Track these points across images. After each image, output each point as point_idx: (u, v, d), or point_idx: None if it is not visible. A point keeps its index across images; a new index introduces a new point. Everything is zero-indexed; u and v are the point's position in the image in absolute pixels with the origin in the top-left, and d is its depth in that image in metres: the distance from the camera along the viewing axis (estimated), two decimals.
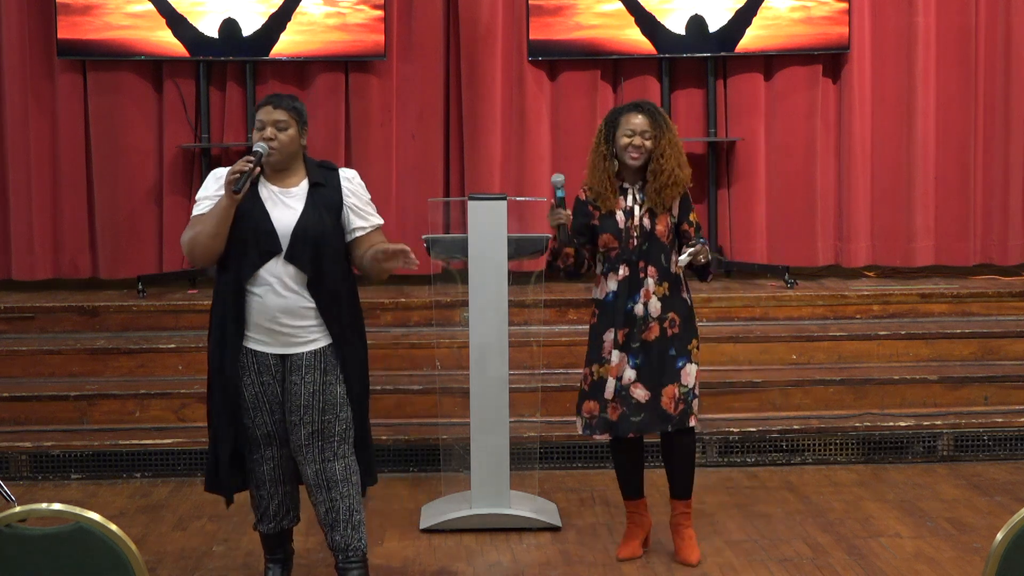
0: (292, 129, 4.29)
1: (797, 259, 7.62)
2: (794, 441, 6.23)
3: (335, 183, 4.36)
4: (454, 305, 6.38)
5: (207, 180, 4.36)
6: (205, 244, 4.22)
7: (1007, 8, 7.63)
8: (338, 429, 4.30)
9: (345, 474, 4.31)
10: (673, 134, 4.75)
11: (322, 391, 4.27)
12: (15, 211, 7.41)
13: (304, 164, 4.38)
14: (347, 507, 4.31)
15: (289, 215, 4.26)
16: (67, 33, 7.23)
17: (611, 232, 4.72)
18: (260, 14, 7.36)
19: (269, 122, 4.27)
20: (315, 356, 4.27)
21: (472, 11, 7.46)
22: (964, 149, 7.66)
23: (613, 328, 4.71)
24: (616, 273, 4.72)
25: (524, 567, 4.88)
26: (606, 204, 4.73)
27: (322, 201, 4.30)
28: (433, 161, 7.59)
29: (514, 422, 5.44)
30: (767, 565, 4.85)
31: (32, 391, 6.37)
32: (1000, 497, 5.68)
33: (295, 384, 4.26)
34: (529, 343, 6.26)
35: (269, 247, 4.22)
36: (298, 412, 4.27)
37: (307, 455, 4.29)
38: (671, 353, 4.72)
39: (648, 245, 4.70)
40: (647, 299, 4.70)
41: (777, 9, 7.50)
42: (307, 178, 4.34)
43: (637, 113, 4.74)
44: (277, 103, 4.31)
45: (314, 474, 4.30)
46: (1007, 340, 6.81)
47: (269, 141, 4.25)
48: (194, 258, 4.32)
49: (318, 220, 4.26)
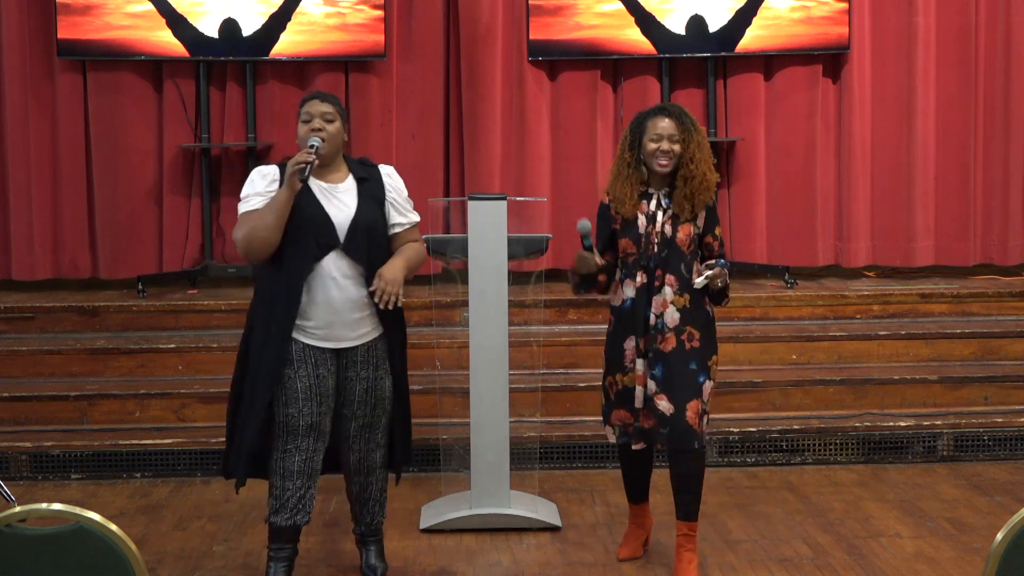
0: (338, 122, 4.44)
1: (797, 259, 7.62)
2: (794, 441, 6.23)
3: (377, 178, 4.53)
4: (454, 305, 6.39)
5: (253, 178, 4.44)
6: (263, 238, 4.28)
7: (1007, 8, 7.64)
8: (383, 421, 4.54)
9: (383, 461, 4.61)
10: (702, 136, 4.59)
11: (374, 387, 4.47)
12: (15, 211, 7.41)
13: (345, 160, 4.53)
14: (379, 488, 4.65)
15: (345, 210, 4.39)
16: (67, 33, 7.24)
17: (630, 238, 4.58)
18: (260, 14, 7.36)
19: (317, 114, 4.40)
20: (367, 350, 4.45)
21: (472, 11, 7.46)
22: (964, 149, 7.66)
23: (634, 336, 4.58)
24: (633, 280, 4.58)
25: (524, 567, 4.88)
26: (626, 210, 4.58)
27: (370, 195, 4.46)
28: (433, 161, 7.59)
29: (514, 422, 5.44)
30: (767, 565, 4.85)
31: (32, 391, 6.37)
32: (1000, 497, 5.68)
33: (350, 380, 4.44)
34: (529, 343, 6.26)
35: (328, 240, 4.34)
36: (351, 406, 4.46)
37: (353, 445, 4.52)
38: (692, 367, 4.55)
39: (667, 252, 4.54)
40: (664, 308, 4.54)
41: (777, 9, 7.50)
42: (351, 173, 4.49)
43: (664, 117, 4.57)
44: (323, 97, 4.47)
45: (357, 461, 4.55)
46: (1007, 340, 6.81)
47: (318, 132, 4.37)
48: (251, 252, 4.33)
49: (371, 214, 4.43)
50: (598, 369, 6.42)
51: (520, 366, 6.08)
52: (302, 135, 4.40)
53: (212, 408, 6.27)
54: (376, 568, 4.71)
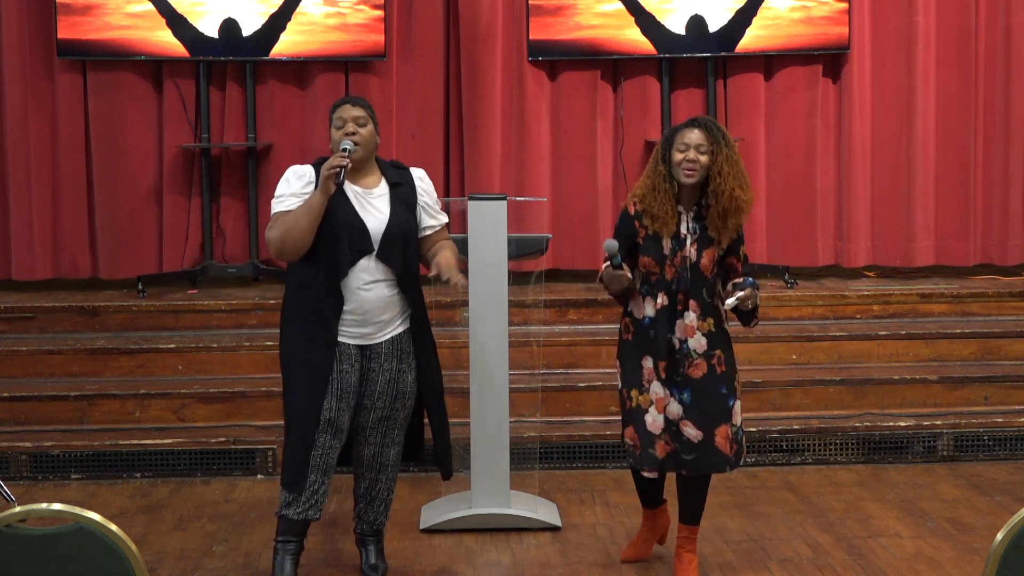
0: (370, 125, 4.48)
1: (797, 259, 7.62)
2: (794, 441, 6.23)
3: (410, 182, 4.58)
4: (454, 305, 6.39)
5: (288, 177, 4.49)
6: (297, 239, 4.33)
7: (1007, 8, 7.63)
8: (402, 416, 4.57)
9: (396, 460, 4.63)
10: (733, 151, 4.44)
11: (396, 379, 4.50)
12: (15, 211, 7.41)
13: (378, 164, 4.58)
14: (387, 488, 4.66)
15: (379, 216, 4.45)
16: (67, 33, 7.23)
17: (652, 257, 4.45)
18: (260, 14, 7.35)
19: (349, 118, 4.45)
20: (392, 343, 4.49)
21: (472, 11, 7.46)
22: (964, 149, 7.66)
23: (652, 357, 4.47)
24: (655, 300, 4.46)
25: (524, 567, 4.88)
26: (664, 229, 4.42)
27: (403, 200, 4.52)
28: (433, 161, 7.58)
29: (514, 422, 5.44)
30: (767, 565, 4.85)
31: (32, 391, 6.37)
32: (1000, 497, 5.68)
33: (373, 371, 4.47)
34: (529, 343, 6.27)
35: (362, 246, 4.40)
36: (371, 397, 4.49)
37: (369, 437, 4.55)
38: (723, 392, 4.47)
39: (691, 277, 4.43)
40: (690, 335, 4.44)
41: (777, 9, 7.50)
42: (384, 178, 4.54)
43: (694, 128, 4.45)
44: (355, 101, 4.52)
45: (371, 456, 4.58)
46: (1007, 340, 6.81)
47: (352, 136, 4.41)
48: (284, 252, 4.40)
49: (405, 220, 4.49)
50: (598, 369, 6.47)
51: (520, 366, 6.08)
52: (335, 140, 4.44)
53: (212, 408, 6.27)
54: (377, 568, 4.72)
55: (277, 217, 4.41)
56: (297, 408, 4.45)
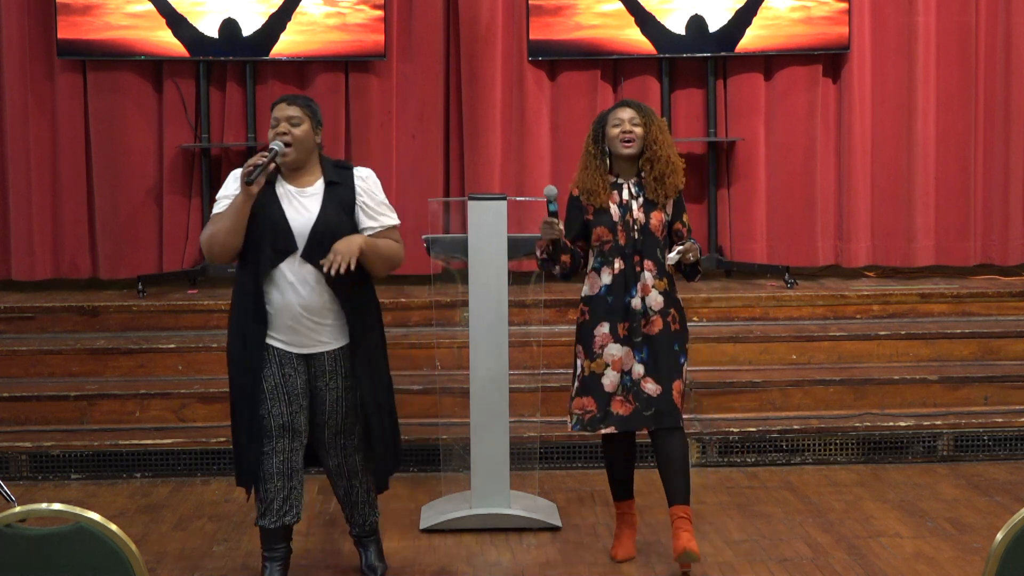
0: (306, 125, 4.38)
1: (797, 259, 7.62)
2: (794, 441, 6.23)
3: (350, 182, 4.43)
4: (454, 305, 6.38)
5: (228, 179, 4.43)
6: (223, 241, 4.29)
7: (1007, 8, 7.64)
8: (358, 427, 4.50)
9: (364, 463, 4.56)
10: (662, 124, 4.79)
11: (345, 396, 4.43)
12: (15, 211, 7.41)
13: (320, 163, 4.46)
14: (365, 490, 4.61)
15: (305, 214, 4.33)
16: (67, 33, 7.24)
17: (605, 226, 4.72)
18: (260, 14, 7.36)
19: (283, 118, 4.38)
20: (335, 360, 4.40)
21: (472, 11, 7.46)
22: (964, 149, 7.66)
23: (608, 322, 4.70)
24: (611, 267, 4.71)
25: (524, 567, 4.88)
26: (598, 200, 4.73)
27: (337, 200, 4.38)
28: (433, 161, 7.59)
29: (514, 422, 5.44)
30: (767, 565, 4.85)
31: (32, 391, 6.37)
32: (1000, 497, 5.68)
33: (320, 390, 4.40)
34: (529, 343, 6.27)
35: (285, 246, 4.30)
36: (323, 414, 4.43)
37: (330, 450, 4.51)
38: (675, 349, 4.74)
39: (644, 239, 4.70)
40: (646, 293, 4.69)
41: (777, 9, 7.50)
42: (323, 177, 4.42)
43: (623, 107, 4.80)
44: (291, 100, 4.46)
45: (336, 466, 4.54)
46: (1007, 340, 6.81)
47: (283, 136, 4.34)
48: (213, 255, 4.37)
49: (335, 219, 4.34)
50: None
51: (520, 366, 6.08)
52: (270, 139, 4.38)
53: (212, 408, 6.27)
54: (376, 568, 4.71)
55: (211, 219, 4.38)
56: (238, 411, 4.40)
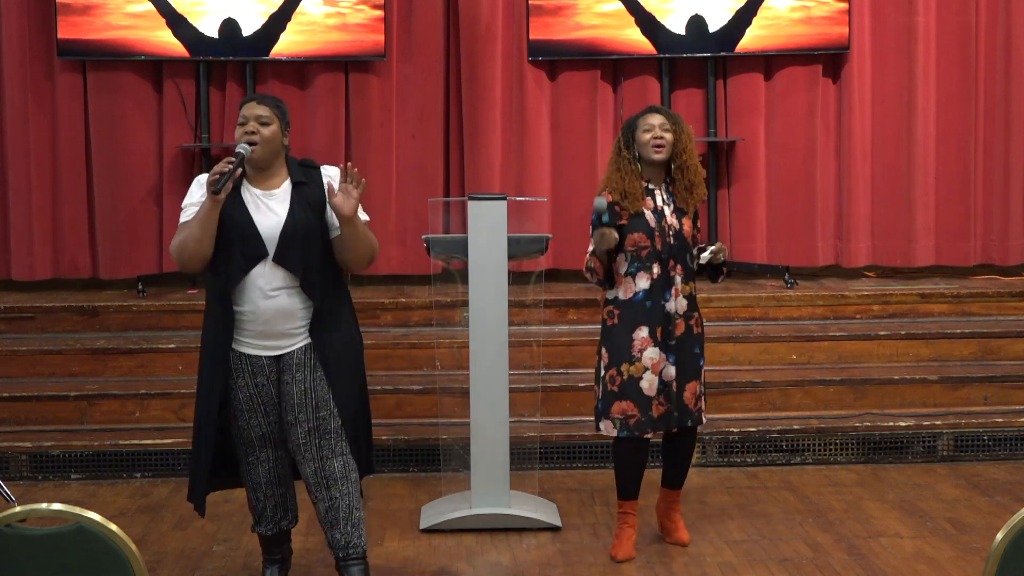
0: (275, 125, 4.24)
1: (797, 259, 7.62)
2: (794, 441, 6.23)
3: (318, 181, 4.29)
4: (454, 305, 6.39)
5: (192, 187, 4.33)
6: (192, 249, 4.17)
7: (1007, 8, 7.64)
8: (334, 426, 4.27)
9: (344, 471, 4.28)
10: (690, 132, 4.86)
11: (313, 388, 4.24)
12: (15, 211, 7.41)
13: (286, 165, 4.32)
14: (347, 505, 4.28)
15: (273, 217, 4.21)
16: (67, 33, 7.24)
17: (642, 231, 4.76)
18: (260, 14, 7.36)
19: (252, 117, 4.22)
20: (304, 352, 4.25)
21: (472, 11, 7.46)
22: (964, 149, 7.66)
23: (647, 326, 4.75)
24: (649, 272, 4.76)
25: (524, 567, 4.88)
26: (634, 205, 4.76)
27: (305, 200, 4.25)
28: (433, 161, 7.59)
29: (514, 422, 5.44)
30: (767, 565, 4.85)
31: (32, 391, 6.37)
32: (1000, 497, 5.68)
33: (287, 384, 4.25)
34: (529, 343, 6.27)
35: (255, 252, 4.18)
36: (293, 411, 4.25)
37: (305, 454, 4.26)
38: (695, 351, 4.86)
39: (678, 244, 4.79)
40: (676, 297, 4.80)
41: (777, 9, 7.50)
42: (289, 178, 4.29)
43: (653, 113, 4.84)
44: (261, 100, 4.31)
45: (313, 472, 4.27)
46: (1007, 340, 6.81)
47: (251, 135, 4.20)
48: (183, 264, 4.24)
49: (304, 220, 4.21)
50: None
51: (520, 366, 6.08)
52: (236, 139, 4.24)
53: None
54: None
55: (179, 228, 4.26)
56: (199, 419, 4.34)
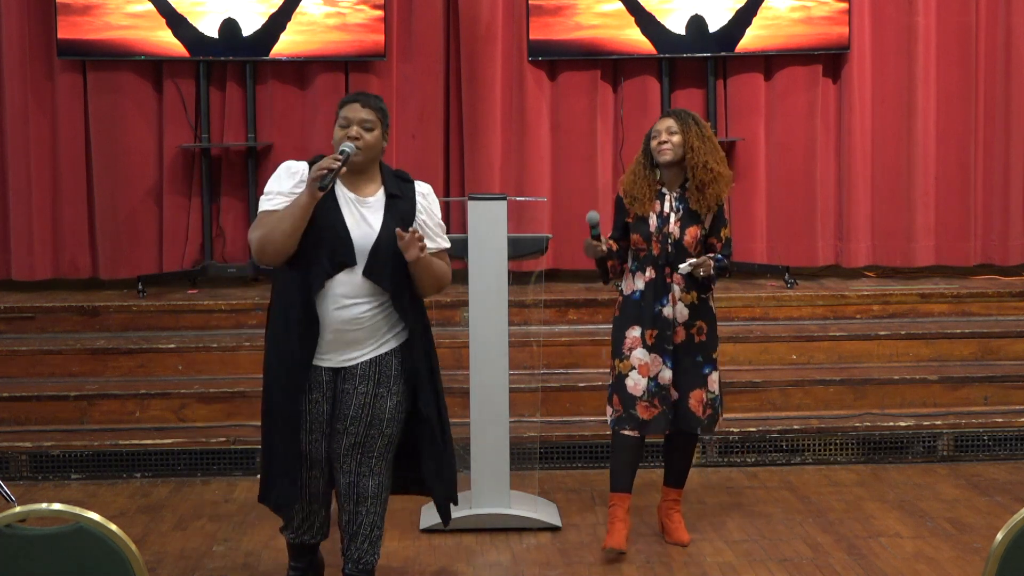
0: (378, 130, 4.11)
1: (797, 259, 7.62)
2: (794, 441, 6.23)
3: (410, 196, 4.19)
4: (454, 305, 6.39)
5: (279, 174, 4.13)
6: (279, 242, 3.99)
7: (1007, 8, 7.64)
8: (379, 444, 4.15)
9: (376, 491, 4.17)
10: (703, 129, 4.86)
11: (372, 403, 4.11)
12: (15, 211, 7.41)
13: (380, 171, 4.20)
14: (370, 523, 4.19)
15: (367, 228, 4.08)
16: (67, 33, 7.23)
17: (641, 234, 4.86)
18: (260, 14, 7.36)
19: (356, 120, 4.08)
20: (370, 365, 4.11)
21: (472, 11, 7.46)
22: (964, 149, 7.66)
23: (639, 327, 4.85)
24: (643, 274, 4.87)
25: (524, 567, 4.88)
26: (640, 208, 4.85)
27: (399, 215, 4.12)
28: (433, 161, 7.59)
29: (514, 422, 5.44)
30: (767, 565, 4.85)
31: (32, 391, 6.36)
32: (1000, 497, 5.68)
33: (346, 393, 4.11)
34: (529, 343, 6.26)
35: (343, 258, 4.03)
36: (344, 421, 4.11)
37: (344, 465, 4.14)
38: (698, 359, 4.89)
39: (675, 252, 4.82)
40: (674, 304, 4.83)
41: (777, 9, 7.50)
42: (383, 187, 4.16)
43: (665, 118, 4.93)
44: (365, 101, 4.12)
45: (347, 485, 4.16)
46: (1007, 340, 6.81)
47: (355, 140, 4.05)
48: (264, 256, 4.04)
49: (395, 236, 4.04)
50: (598, 369, 6.47)
51: (520, 366, 6.08)
52: (337, 139, 4.07)
53: (212, 408, 6.27)
54: None
55: (262, 217, 4.05)
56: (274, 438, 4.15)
